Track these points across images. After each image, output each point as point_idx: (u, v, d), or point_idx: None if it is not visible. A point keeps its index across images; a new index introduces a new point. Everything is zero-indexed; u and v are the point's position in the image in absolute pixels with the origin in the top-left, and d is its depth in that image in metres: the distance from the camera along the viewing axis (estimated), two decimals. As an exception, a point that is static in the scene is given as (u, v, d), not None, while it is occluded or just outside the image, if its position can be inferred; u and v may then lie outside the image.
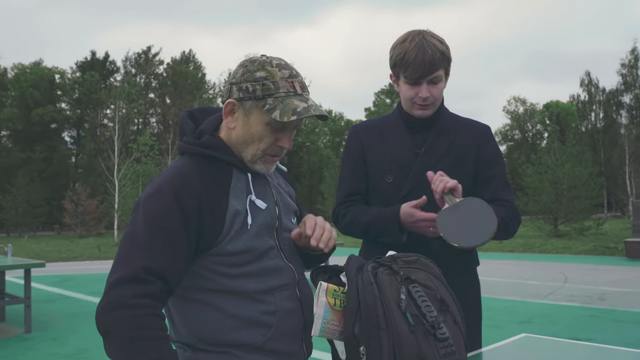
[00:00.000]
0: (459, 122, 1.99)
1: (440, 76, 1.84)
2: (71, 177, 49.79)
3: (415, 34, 1.85)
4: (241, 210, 1.33)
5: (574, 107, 62.41)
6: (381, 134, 1.97)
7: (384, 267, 1.26)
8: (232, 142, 1.38)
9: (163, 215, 1.24)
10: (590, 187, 24.87)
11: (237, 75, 1.35)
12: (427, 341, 1.15)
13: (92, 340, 6.11)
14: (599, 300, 8.33)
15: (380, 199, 1.95)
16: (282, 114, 1.28)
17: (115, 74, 59.88)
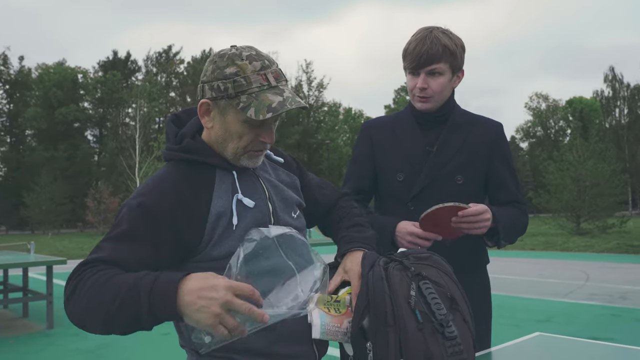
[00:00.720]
0: (471, 119, 1.96)
1: (440, 69, 1.81)
2: (94, 175, 50.54)
3: (425, 29, 1.85)
4: (225, 211, 1.28)
5: (598, 103, 61.47)
6: (393, 131, 1.95)
7: (395, 263, 1.25)
8: (213, 141, 1.34)
9: (131, 222, 1.20)
10: (614, 184, 24.47)
11: (208, 73, 1.30)
12: (435, 339, 1.14)
13: (113, 336, 6.19)
14: (621, 299, 8.20)
15: (391, 197, 1.94)
16: (257, 112, 1.23)
17: (136, 73, 60.61)
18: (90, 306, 1.10)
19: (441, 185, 1.86)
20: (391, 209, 1.94)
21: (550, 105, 70.53)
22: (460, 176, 1.87)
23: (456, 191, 1.85)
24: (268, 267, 1.21)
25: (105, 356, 5.35)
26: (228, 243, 1.26)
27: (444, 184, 1.86)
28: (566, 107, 69.02)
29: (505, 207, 1.90)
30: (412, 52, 1.80)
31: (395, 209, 1.91)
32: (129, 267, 1.15)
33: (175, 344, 5.88)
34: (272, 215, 1.36)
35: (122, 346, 5.74)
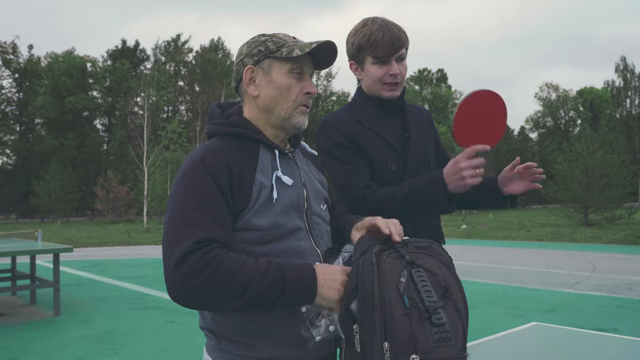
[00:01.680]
0: (413, 107, 2.04)
1: (404, 54, 1.85)
2: (102, 164, 50.81)
3: (373, 18, 1.86)
4: (267, 184, 1.33)
5: (609, 94, 60.88)
6: (361, 123, 1.89)
7: (391, 250, 1.26)
8: (260, 114, 1.40)
9: (199, 188, 1.26)
10: (623, 175, 24.30)
11: (244, 50, 1.41)
12: (421, 325, 1.15)
13: (118, 323, 6.27)
14: (627, 290, 8.18)
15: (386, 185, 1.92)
16: (301, 49, 1.34)
17: (145, 62, 60.64)
18: (227, 288, 1.19)
19: (422, 169, 1.89)
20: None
21: (560, 95, 69.94)
22: (430, 159, 1.95)
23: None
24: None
25: (113, 342, 5.41)
26: (267, 215, 1.32)
27: (424, 168, 1.90)
28: (577, 97, 68.41)
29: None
30: (382, 40, 1.78)
31: None
32: (226, 238, 1.26)
33: (179, 331, 5.93)
34: (305, 201, 1.42)
35: (128, 334, 5.80)
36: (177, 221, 1.24)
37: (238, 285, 1.20)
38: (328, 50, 1.40)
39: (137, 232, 25.77)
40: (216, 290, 1.19)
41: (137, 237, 22.27)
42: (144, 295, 8.28)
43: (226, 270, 1.19)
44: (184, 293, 1.19)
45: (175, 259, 1.19)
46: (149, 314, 6.88)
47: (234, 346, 1.33)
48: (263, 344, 1.31)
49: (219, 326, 1.34)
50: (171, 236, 1.23)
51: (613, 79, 59.58)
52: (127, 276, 10.56)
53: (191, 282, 1.17)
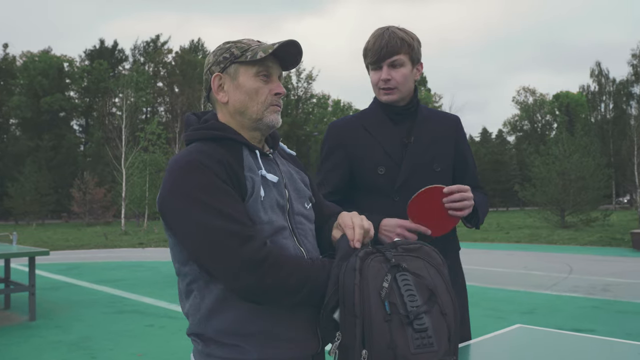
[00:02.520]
0: (434, 113, 2.08)
1: (401, 60, 1.90)
2: (79, 165, 50.14)
3: (381, 28, 1.96)
4: (257, 181, 1.34)
5: (584, 98, 61.96)
6: (364, 127, 1.99)
7: (377, 254, 1.24)
8: (232, 119, 1.41)
9: (209, 183, 1.25)
10: (598, 178, 24.73)
11: (210, 59, 1.43)
12: (402, 331, 1.13)
13: (96, 328, 6.17)
14: (603, 291, 8.30)
15: (374, 191, 1.96)
16: (264, 50, 1.36)
17: (123, 63, 60.04)
18: (294, 282, 1.23)
19: (422, 174, 1.93)
20: (374, 202, 1.95)
21: (537, 99, 71.00)
22: (437, 164, 1.97)
23: (435, 179, 1.92)
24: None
25: (90, 348, 5.32)
26: (261, 210, 1.32)
27: (424, 173, 1.94)
28: (553, 101, 69.50)
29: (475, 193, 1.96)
30: (372, 47, 1.90)
31: (379, 202, 1.94)
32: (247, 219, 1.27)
33: (159, 335, 5.85)
34: (287, 202, 1.42)
35: (105, 338, 5.70)
36: (207, 219, 1.22)
37: (299, 279, 1.23)
38: (292, 50, 1.40)
39: (114, 234, 25.43)
40: (281, 281, 1.21)
41: (114, 240, 21.97)
42: (121, 299, 8.16)
43: (287, 262, 1.24)
44: (254, 283, 1.20)
45: (230, 254, 1.20)
46: (127, 318, 6.78)
47: (222, 350, 1.31)
48: (251, 346, 1.29)
49: (207, 329, 1.32)
50: (210, 234, 1.22)
51: (588, 84, 60.71)
52: (105, 280, 10.41)
53: (258, 271, 1.20)
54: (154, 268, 12.31)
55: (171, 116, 53.60)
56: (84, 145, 56.65)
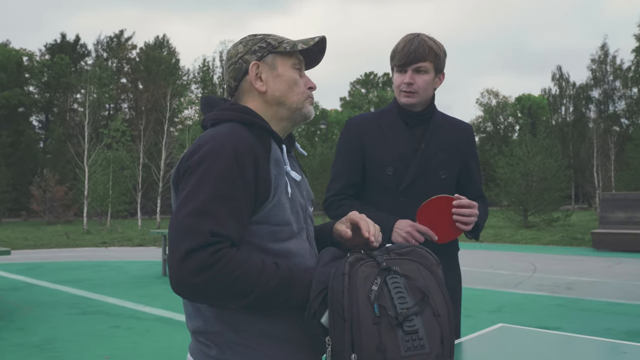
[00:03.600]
0: (449, 120, 2.17)
1: (426, 67, 2.00)
2: (39, 162, 48.74)
3: (412, 33, 2.05)
4: (279, 178, 1.30)
5: (545, 101, 63.47)
6: (380, 127, 2.10)
7: (367, 259, 1.22)
8: (268, 108, 1.38)
9: (225, 179, 1.20)
10: (560, 179, 25.38)
11: (240, 48, 1.40)
12: (392, 333, 1.12)
13: (60, 330, 5.99)
14: (567, 289, 8.51)
15: (380, 189, 2.07)
16: (305, 42, 1.38)
17: (86, 58, 58.55)
18: (234, 287, 1.15)
19: (427, 179, 2.04)
20: (380, 201, 2.06)
21: (500, 101, 72.37)
22: (443, 171, 2.07)
23: (440, 185, 2.05)
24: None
25: (54, 350, 5.15)
26: (283, 211, 1.29)
27: (430, 178, 2.05)
28: (515, 103, 70.97)
29: (480, 203, 2.09)
30: (401, 51, 1.99)
31: (385, 200, 2.05)
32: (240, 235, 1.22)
33: (126, 337, 5.72)
34: (306, 201, 1.43)
35: (70, 340, 5.54)
36: (192, 209, 1.17)
37: (245, 284, 1.16)
38: (319, 47, 1.44)
39: (76, 233, 24.83)
40: (221, 288, 1.15)
41: (76, 239, 21.44)
42: (86, 300, 7.95)
43: (235, 270, 1.15)
44: (186, 287, 1.15)
45: (183, 251, 1.13)
46: (92, 319, 6.60)
47: (239, 354, 1.26)
48: (269, 349, 1.26)
49: (227, 325, 1.26)
50: (183, 225, 1.16)
51: (550, 87, 62.14)
52: (67, 280, 10.13)
53: (196, 278, 1.13)
54: (118, 268, 12.06)
55: (135, 113, 52.67)
56: (43, 141, 55.08)
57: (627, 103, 52.19)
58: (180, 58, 67.90)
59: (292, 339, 1.29)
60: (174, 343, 5.41)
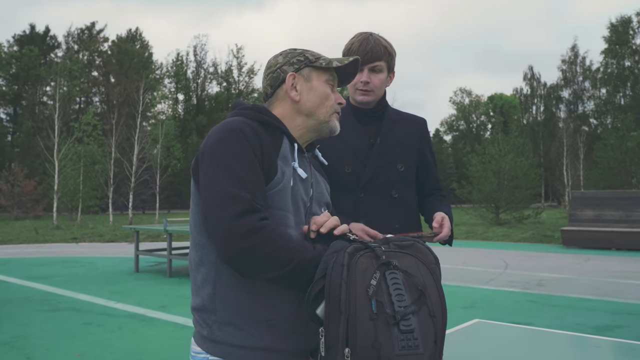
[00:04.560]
0: (402, 115, 2.21)
1: (380, 67, 2.04)
2: (7, 156, 47.54)
3: (364, 32, 2.08)
4: (285, 171, 1.37)
5: (517, 100, 64.44)
6: None
7: (367, 250, 1.21)
8: (297, 116, 1.47)
9: (243, 153, 1.29)
10: (531, 177, 25.80)
11: (280, 59, 1.49)
12: (387, 331, 1.11)
13: (30, 327, 5.86)
14: (538, 286, 8.66)
15: (341, 188, 2.05)
16: (340, 61, 1.48)
17: (56, 50, 57.30)
18: (278, 254, 1.22)
19: (386, 173, 2.06)
20: (342, 199, 2.05)
21: (473, 100, 73.26)
22: (401, 164, 2.09)
23: (399, 178, 2.08)
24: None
25: (23, 347, 5.04)
26: (285, 199, 1.35)
27: (388, 172, 2.06)
28: (488, 102, 71.91)
29: (443, 203, 2.14)
30: (358, 49, 2.01)
31: (346, 199, 2.05)
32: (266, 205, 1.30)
33: (98, 334, 5.62)
34: (309, 200, 1.45)
35: (40, 337, 5.43)
36: (227, 181, 1.26)
37: (287, 253, 1.23)
38: (352, 69, 1.53)
39: (45, 229, 24.31)
40: (267, 254, 1.21)
41: (45, 235, 21.00)
42: (56, 296, 7.79)
43: (278, 238, 1.23)
44: (236, 251, 1.20)
45: (232, 215, 1.21)
46: (62, 316, 6.48)
47: (228, 335, 1.30)
48: (260, 332, 1.29)
49: (220, 302, 1.32)
50: (225, 194, 1.24)
51: (521, 87, 63.10)
52: (37, 276, 9.92)
53: (246, 241, 1.20)
54: (89, 264, 11.85)
55: (107, 107, 51.80)
56: (11, 135, 53.78)
57: (596, 103, 53.36)
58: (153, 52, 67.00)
59: (283, 326, 1.30)
60: (147, 339, 5.34)
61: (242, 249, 1.20)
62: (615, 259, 12.27)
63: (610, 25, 50.93)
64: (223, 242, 1.21)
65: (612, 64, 51.30)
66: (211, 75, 61.14)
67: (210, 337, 1.32)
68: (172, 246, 10.05)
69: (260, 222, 1.22)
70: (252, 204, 1.23)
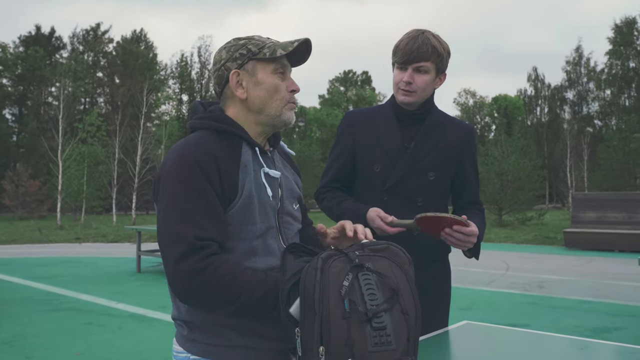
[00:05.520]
0: (448, 120, 2.08)
1: (427, 67, 1.94)
2: (12, 156, 47.74)
3: (417, 30, 1.98)
4: (248, 181, 1.37)
5: (521, 101, 64.31)
6: (374, 122, 2.05)
7: (341, 255, 1.25)
8: (247, 114, 1.43)
9: (193, 183, 1.28)
10: (534, 179, 25.74)
11: (223, 55, 1.43)
12: (360, 328, 1.14)
13: (30, 326, 5.90)
14: (538, 287, 8.66)
15: (367, 186, 2.03)
16: (284, 48, 1.39)
17: (61, 51, 57.55)
18: (223, 292, 1.24)
19: (414, 179, 1.97)
20: (366, 197, 2.02)
21: (477, 101, 73.15)
22: (432, 173, 1.99)
23: (427, 186, 1.99)
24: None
25: (23, 347, 5.08)
26: (249, 215, 1.36)
27: (417, 179, 1.98)
28: (492, 103, 71.79)
29: (477, 216, 2.01)
30: (404, 48, 1.92)
31: (370, 198, 2.01)
32: (221, 234, 1.30)
33: (98, 334, 5.66)
34: (279, 200, 1.45)
35: (40, 337, 5.47)
36: (174, 217, 1.27)
37: (233, 291, 1.25)
38: (304, 47, 1.45)
39: (49, 229, 24.42)
40: (212, 293, 1.24)
41: (49, 235, 21.10)
42: (58, 296, 7.84)
43: (224, 276, 1.24)
44: (181, 292, 1.25)
45: (174, 258, 1.24)
46: (63, 315, 6.52)
47: (207, 336, 1.35)
48: (236, 334, 1.33)
49: (194, 317, 1.36)
50: (170, 233, 1.26)
51: (525, 88, 63.03)
52: (39, 276, 9.98)
53: (189, 282, 1.23)
54: (92, 264, 11.91)
55: (111, 107, 51.93)
56: (16, 135, 54.00)
57: (601, 104, 53.20)
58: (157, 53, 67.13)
59: (265, 330, 1.34)
60: (146, 339, 5.38)
61: (185, 290, 1.24)
62: (617, 260, 12.25)
63: (615, 26, 50.78)
64: (170, 282, 1.27)
65: (616, 65, 51.13)
66: (215, 76, 61.19)
67: (189, 337, 1.37)
68: (173, 247, 10.08)
69: (202, 261, 1.23)
70: (194, 243, 1.23)
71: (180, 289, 1.24)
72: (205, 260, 1.23)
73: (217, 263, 1.24)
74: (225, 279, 1.23)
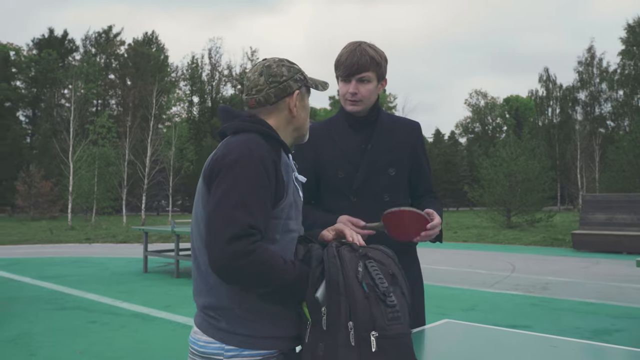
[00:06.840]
0: (395, 120, 2.25)
1: (368, 77, 2.09)
2: (25, 157, 48.26)
3: (353, 43, 2.13)
4: (288, 182, 1.57)
5: (532, 102, 63.88)
6: (329, 133, 2.21)
7: (346, 246, 1.52)
8: (288, 128, 1.66)
9: (255, 179, 1.45)
10: (543, 180, 25.55)
11: (285, 72, 1.64)
12: (378, 306, 1.39)
13: (35, 324, 6.01)
14: (542, 289, 8.64)
15: (334, 193, 2.16)
16: (323, 86, 1.74)
17: (74, 53, 58.09)
18: (263, 275, 1.40)
19: (377, 177, 2.13)
20: (334, 202, 2.15)
21: (488, 102, 72.79)
22: (392, 169, 2.15)
23: (389, 182, 2.15)
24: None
25: (28, 344, 5.18)
26: (292, 209, 1.58)
27: (379, 177, 2.13)
28: (503, 104, 71.42)
29: (434, 203, 2.15)
30: (344, 62, 2.08)
31: (338, 202, 2.14)
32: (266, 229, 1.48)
33: (101, 332, 5.75)
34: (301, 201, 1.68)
35: (45, 335, 5.57)
36: (233, 202, 1.42)
37: (271, 274, 1.41)
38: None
39: (60, 229, 24.67)
40: (254, 274, 1.39)
41: (60, 235, 21.32)
42: (64, 295, 7.96)
43: (266, 260, 1.40)
44: (227, 269, 1.38)
45: (229, 236, 1.38)
46: (69, 314, 6.63)
47: (244, 327, 1.50)
48: (269, 325, 1.51)
49: (234, 302, 1.50)
50: (228, 214, 1.41)
51: (537, 89, 62.62)
52: (48, 275, 10.12)
53: (237, 261, 1.37)
54: (100, 264, 12.04)
55: (122, 109, 52.34)
56: (30, 137, 54.58)
57: (613, 105, 52.72)
58: (168, 55, 67.57)
59: (285, 316, 1.53)
60: (148, 338, 5.46)
61: (231, 267, 1.38)
62: (625, 262, 12.16)
63: (628, 26, 50.33)
64: (214, 258, 1.39)
65: (629, 65, 50.65)
66: (226, 77, 61.57)
67: (226, 329, 1.50)
68: (179, 247, 10.19)
69: (252, 245, 1.39)
70: (247, 229, 1.39)
71: (226, 265, 1.37)
72: (254, 244, 1.39)
73: (262, 249, 1.40)
74: (267, 264, 1.39)
